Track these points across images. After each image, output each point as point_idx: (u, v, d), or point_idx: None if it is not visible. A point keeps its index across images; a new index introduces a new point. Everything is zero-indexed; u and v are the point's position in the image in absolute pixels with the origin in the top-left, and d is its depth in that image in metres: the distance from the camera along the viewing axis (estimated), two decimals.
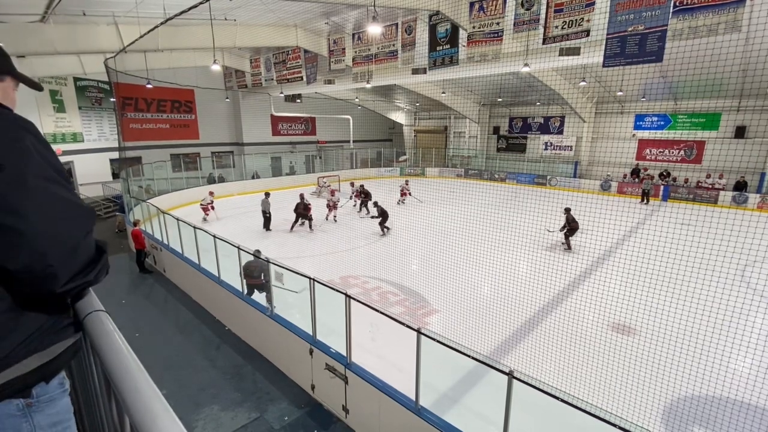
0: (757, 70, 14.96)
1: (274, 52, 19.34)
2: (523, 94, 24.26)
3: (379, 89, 26.54)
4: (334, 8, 14.43)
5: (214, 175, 23.31)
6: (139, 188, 17.49)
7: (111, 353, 0.86)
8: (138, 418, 0.69)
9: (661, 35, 8.40)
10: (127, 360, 0.83)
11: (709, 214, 10.68)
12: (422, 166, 30.23)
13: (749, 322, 7.16)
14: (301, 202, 14.31)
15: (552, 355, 6.24)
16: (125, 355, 0.85)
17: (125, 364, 0.82)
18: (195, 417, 5.37)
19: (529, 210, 16.43)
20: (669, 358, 6.12)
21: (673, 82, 18.72)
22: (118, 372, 0.80)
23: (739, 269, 9.58)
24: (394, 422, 4.64)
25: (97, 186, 20.24)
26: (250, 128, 26.76)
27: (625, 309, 7.37)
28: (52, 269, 0.85)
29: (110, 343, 0.90)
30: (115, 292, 9.69)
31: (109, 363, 0.84)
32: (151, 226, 11.89)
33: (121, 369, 0.80)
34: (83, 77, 19.30)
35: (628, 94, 21.27)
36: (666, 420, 5.07)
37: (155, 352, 7.00)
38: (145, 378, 0.77)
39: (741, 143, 19.03)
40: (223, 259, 7.94)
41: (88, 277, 0.94)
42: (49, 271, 0.84)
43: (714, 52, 8.34)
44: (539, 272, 9.32)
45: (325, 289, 5.45)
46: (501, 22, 11.15)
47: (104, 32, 14.22)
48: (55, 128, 18.93)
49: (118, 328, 1.00)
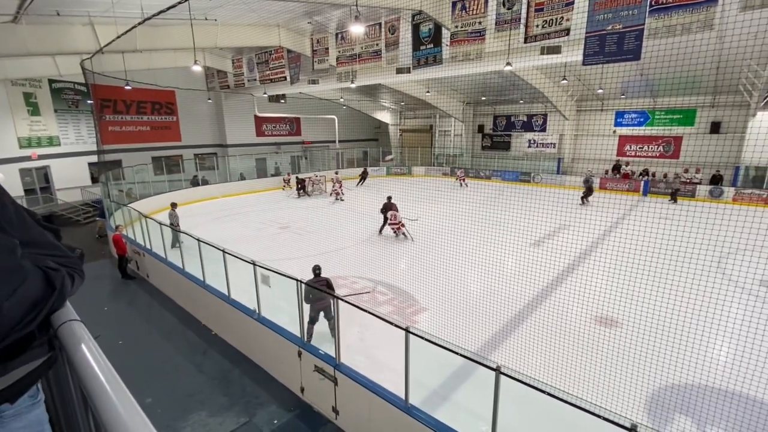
0: (729, 67, 15.46)
1: (257, 52, 19.13)
2: (507, 93, 24.55)
3: (364, 89, 26.50)
4: (316, 8, 14.33)
5: (198, 178, 22.93)
6: (119, 192, 17.09)
7: (85, 365, 0.84)
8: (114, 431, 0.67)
9: (639, 34, 8.61)
10: (102, 371, 0.81)
11: (686, 209, 11.00)
12: (408, 165, 30.31)
13: (725, 310, 7.40)
14: (388, 202, 13.27)
15: (539, 350, 6.33)
16: (101, 367, 0.83)
17: (100, 376, 0.80)
18: (182, 424, 5.28)
19: (514, 207, 16.64)
20: (651, 348, 6.29)
21: (651, 80, 19.21)
22: (93, 384, 0.77)
23: (715, 260, 9.89)
24: (385, 421, 4.65)
25: (76, 191, 19.69)
26: (234, 129, 26.40)
27: (609, 302, 7.54)
28: None
29: (84, 355, 0.87)
30: (97, 300, 9.45)
31: (83, 375, 0.81)
32: (133, 231, 11.64)
33: (95, 381, 0.78)
34: (59, 79, 18.73)
35: (608, 91, 21.73)
36: (649, 408, 5.20)
37: (140, 360, 6.86)
38: (122, 389, 0.76)
39: (716, 138, 19.65)
40: (208, 263, 7.82)
41: (32, 325, 0.84)
42: None
43: (689, 49, 8.60)
44: (525, 268, 9.45)
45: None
46: (483, 22, 11.27)
47: (80, 33, 13.83)
48: (30, 132, 18.33)
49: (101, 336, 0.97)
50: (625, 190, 21.21)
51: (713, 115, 19.73)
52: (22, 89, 17.79)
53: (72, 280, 0.98)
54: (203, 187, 21.90)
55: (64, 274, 0.94)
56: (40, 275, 0.87)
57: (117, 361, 0.87)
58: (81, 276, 1.04)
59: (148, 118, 23.00)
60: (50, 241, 1.01)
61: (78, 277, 1.02)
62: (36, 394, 0.98)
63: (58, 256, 0.97)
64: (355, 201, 19.22)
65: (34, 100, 18.40)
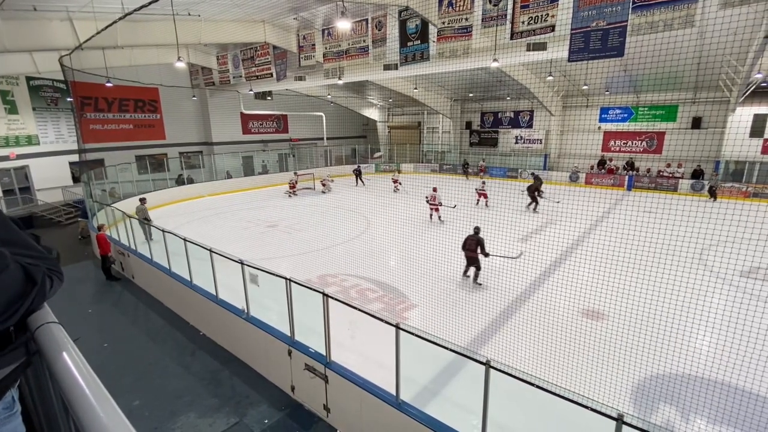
0: (709, 64, 15.80)
1: (242, 49, 18.84)
2: (494, 89, 24.70)
3: (351, 85, 26.35)
4: (302, 3, 14.18)
5: (183, 176, 22.56)
6: (102, 192, 16.70)
7: (64, 369, 0.81)
8: None
9: (622, 30, 8.72)
10: (82, 375, 0.78)
11: (669, 202, 11.24)
12: (397, 162, 30.31)
13: (707, 301, 7.60)
14: None
15: (528, 344, 6.41)
16: (80, 370, 0.80)
17: (80, 380, 0.77)
18: (171, 426, 5.20)
19: (502, 202, 16.79)
20: (636, 340, 6.42)
21: (635, 76, 19.54)
22: (72, 389, 0.75)
23: (697, 252, 10.14)
24: (376, 418, 4.66)
25: (57, 191, 19.19)
26: (220, 127, 26.02)
27: (595, 295, 7.67)
28: None
29: (63, 359, 0.84)
30: (80, 302, 9.22)
31: (62, 380, 0.78)
32: (117, 231, 11.40)
33: (75, 386, 0.75)
34: (37, 76, 18.18)
35: (593, 87, 22.04)
36: (635, 398, 5.32)
37: (126, 362, 6.72)
38: (102, 393, 0.73)
39: (697, 133, 20.11)
40: (195, 263, 7.71)
41: (12, 320, 0.82)
42: None
43: (671, 46, 8.76)
44: (513, 264, 9.54)
45: (302, 289, 5.39)
46: (470, 18, 11.28)
47: (58, 28, 13.43)
48: (8, 131, 17.78)
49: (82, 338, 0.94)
50: (610, 185, 21.60)
51: (695, 110, 20.18)
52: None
53: (51, 281, 0.95)
54: (189, 186, 21.55)
55: (44, 271, 0.92)
56: (20, 269, 0.85)
57: (102, 364, 0.85)
58: (60, 278, 1.02)
59: (130, 116, 22.51)
60: (29, 242, 0.99)
61: (57, 279, 1.00)
62: (12, 405, 0.94)
63: (37, 257, 0.95)
64: (343, 198, 19.15)
65: (11, 98, 17.84)
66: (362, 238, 12.99)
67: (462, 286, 8.93)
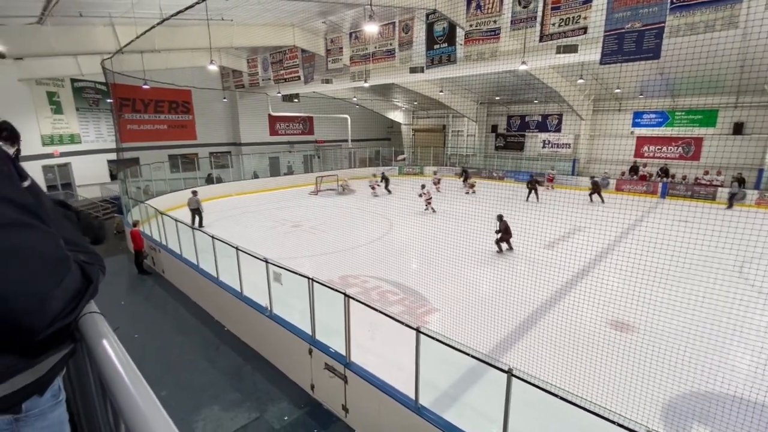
0: (755, 66, 14.97)
1: (271, 52, 19.30)
2: (521, 93, 24.23)
3: (377, 88, 26.51)
4: (331, 7, 14.40)
5: (213, 176, 23.27)
6: (137, 189, 17.46)
7: (104, 357, 0.86)
8: (132, 422, 0.69)
9: (659, 32, 8.40)
10: (121, 363, 0.83)
11: (707, 211, 10.69)
12: (421, 165, 30.21)
13: (747, 318, 7.18)
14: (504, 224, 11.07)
15: (551, 353, 6.24)
16: (120, 358, 0.84)
17: (119, 368, 0.81)
18: (195, 418, 5.37)
19: (528, 208, 16.44)
20: (668, 355, 6.13)
21: (671, 79, 18.72)
22: (112, 376, 0.79)
23: (737, 265, 9.60)
24: (394, 421, 4.64)
25: (95, 187, 20.19)
26: (248, 128, 26.72)
27: (624, 306, 7.38)
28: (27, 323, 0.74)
29: (104, 347, 0.89)
30: (114, 294, 9.68)
31: (102, 367, 0.83)
32: (149, 227, 11.87)
33: (114, 373, 0.80)
34: (80, 78, 19.23)
35: (626, 91, 21.26)
36: (665, 417, 5.08)
37: (155, 354, 6.99)
38: (140, 381, 0.77)
39: (739, 140, 19.05)
40: (221, 260, 7.93)
41: (72, 315, 0.85)
42: (23, 326, 0.74)
43: (712, 48, 8.34)
44: (538, 271, 9.33)
45: (324, 289, 5.45)
46: (498, 20, 11.14)
47: (101, 33, 14.18)
48: (53, 130, 18.87)
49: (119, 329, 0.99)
50: (643, 192, 20.76)
51: (736, 115, 19.14)
52: (45, 88, 18.32)
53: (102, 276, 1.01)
54: (218, 185, 22.21)
55: (98, 269, 0.98)
56: (79, 269, 0.90)
57: (133, 354, 0.89)
58: (104, 272, 1.07)
59: (165, 117, 23.44)
60: (80, 238, 1.05)
61: (101, 273, 1.05)
62: (58, 393, 0.99)
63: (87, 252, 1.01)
64: (368, 201, 19.25)
65: (57, 99, 18.93)
66: (385, 239, 13.01)
67: (483, 291, 8.79)
